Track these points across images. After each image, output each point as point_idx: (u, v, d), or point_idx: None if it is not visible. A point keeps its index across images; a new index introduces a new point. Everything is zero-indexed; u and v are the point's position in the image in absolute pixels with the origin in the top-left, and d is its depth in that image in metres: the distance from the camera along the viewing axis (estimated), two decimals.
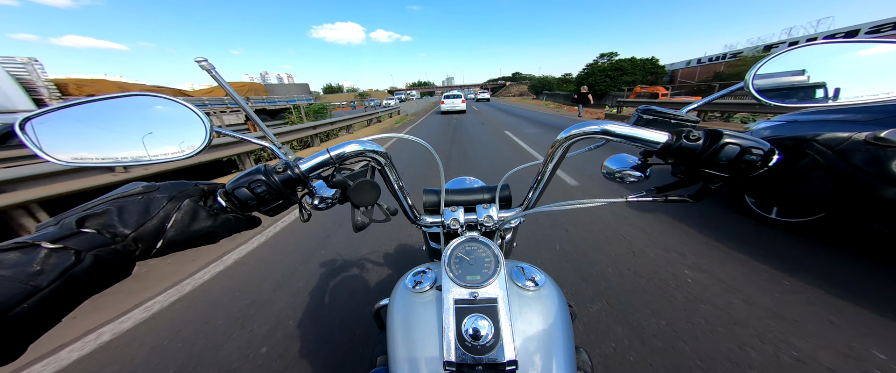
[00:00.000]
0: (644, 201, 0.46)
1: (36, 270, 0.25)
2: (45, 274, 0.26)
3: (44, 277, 0.26)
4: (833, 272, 1.68)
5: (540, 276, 0.49)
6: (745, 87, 0.39)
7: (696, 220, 2.32)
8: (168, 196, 0.35)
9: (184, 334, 1.51)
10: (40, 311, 0.25)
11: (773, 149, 0.35)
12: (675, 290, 1.63)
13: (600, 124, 0.40)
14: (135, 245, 0.32)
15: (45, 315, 0.26)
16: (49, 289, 0.26)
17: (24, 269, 0.25)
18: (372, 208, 0.51)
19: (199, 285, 1.91)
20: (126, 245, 0.32)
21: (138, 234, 0.32)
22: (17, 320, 0.24)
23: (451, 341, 0.39)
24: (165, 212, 0.34)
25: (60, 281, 0.26)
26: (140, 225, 0.32)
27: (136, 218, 0.32)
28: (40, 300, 0.25)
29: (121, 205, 0.32)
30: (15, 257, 0.26)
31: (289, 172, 0.40)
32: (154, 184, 0.36)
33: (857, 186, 0.29)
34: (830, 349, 1.23)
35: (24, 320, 0.25)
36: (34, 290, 0.25)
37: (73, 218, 0.30)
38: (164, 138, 0.39)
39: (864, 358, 1.19)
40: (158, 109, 0.38)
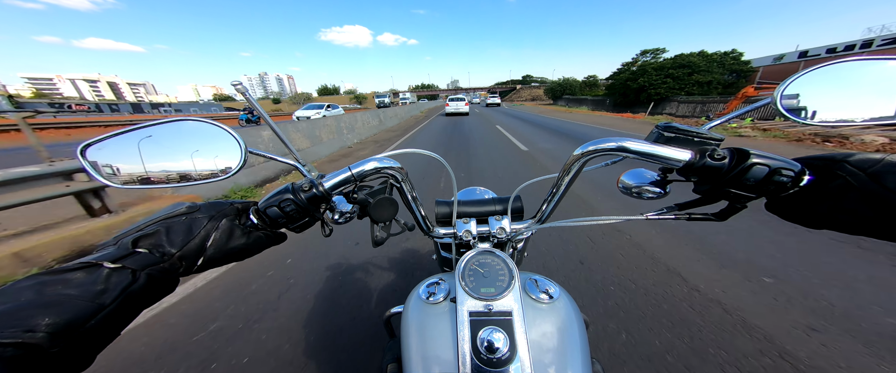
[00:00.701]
0: (664, 219, 0.45)
1: (100, 289, 0.28)
2: (108, 292, 0.28)
3: (107, 296, 0.28)
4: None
5: (554, 288, 0.49)
6: (772, 104, 0.38)
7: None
8: (208, 216, 0.38)
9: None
10: (106, 325, 0.28)
11: (803, 169, 0.34)
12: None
13: (618, 141, 0.40)
14: (180, 263, 0.35)
15: (110, 329, 0.29)
16: (112, 306, 0.28)
17: (91, 288, 0.28)
18: (390, 224, 0.52)
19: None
20: (172, 263, 0.34)
21: (183, 253, 0.35)
22: (88, 334, 0.27)
23: (466, 354, 0.40)
24: (206, 231, 0.37)
25: (121, 298, 0.29)
26: (184, 244, 0.35)
27: (181, 238, 0.35)
28: (106, 316, 0.28)
29: (168, 226, 0.35)
30: (81, 277, 0.28)
31: (314, 190, 0.42)
32: (195, 204, 0.39)
33: (892, 208, 0.28)
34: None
35: (93, 334, 0.27)
36: (100, 307, 0.27)
37: (129, 239, 0.33)
38: (205, 160, 0.41)
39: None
40: (199, 132, 0.41)
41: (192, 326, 1.61)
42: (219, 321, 1.64)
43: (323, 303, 1.74)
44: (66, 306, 0.26)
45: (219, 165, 0.42)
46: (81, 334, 0.26)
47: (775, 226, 2.30)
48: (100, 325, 0.27)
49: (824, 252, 2.03)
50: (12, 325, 0.23)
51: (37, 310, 0.25)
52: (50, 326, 0.25)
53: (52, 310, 0.25)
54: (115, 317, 0.29)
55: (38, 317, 0.25)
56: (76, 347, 0.26)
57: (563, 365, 0.41)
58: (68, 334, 0.25)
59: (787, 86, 0.37)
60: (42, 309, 0.25)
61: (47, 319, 0.25)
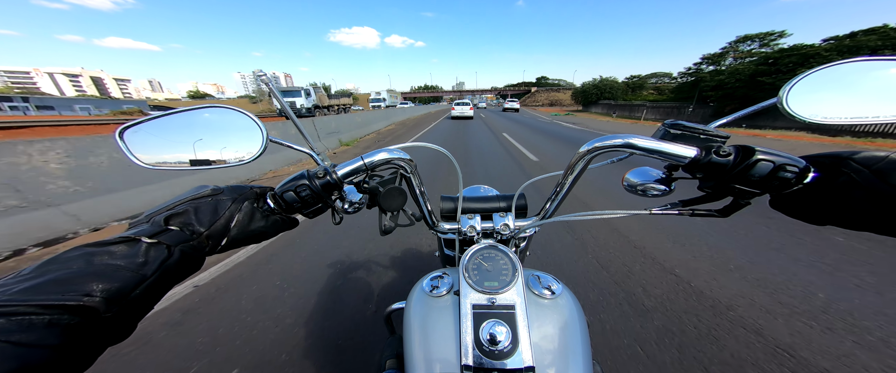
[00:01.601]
0: (668, 214, 0.45)
1: (142, 261, 0.30)
2: (149, 265, 0.30)
3: (148, 268, 0.30)
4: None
5: (556, 285, 0.50)
6: (778, 103, 0.38)
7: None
8: (231, 198, 0.40)
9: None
10: (146, 296, 0.29)
11: (808, 166, 0.34)
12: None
13: (625, 138, 0.40)
14: (207, 242, 0.36)
15: (149, 299, 0.30)
16: (152, 278, 0.30)
17: (134, 259, 0.29)
18: (398, 214, 0.53)
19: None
20: (201, 242, 0.36)
21: (210, 232, 0.36)
22: (133, 303, 0.28)
23: (468, 346, 0.40)
24: (230, 212, 0.38)
25: (160, 271, 0.30)
26: (212, 224, 0.37)
27: (209, 217, 0.37)
28: (147, 287, 0.29)
29: (196, 206, 0.37)
30: (124, 250, 0.30)
31: (328, 178, 0.44)
32: (219, 187, 0.41)
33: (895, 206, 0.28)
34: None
35: (136, 303, 0.29)
36: (143, 278, 0.29)
37: (161, 216, 0.35)
38: (229, 145, 0.44)
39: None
40: (225, 118, 0.44)
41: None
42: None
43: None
44: (114, 275, 0.27)
45: (241, 151, 0.44)
46: (128, 302, 0.28)
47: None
48: (142, 295, 0.29)
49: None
50: (72, 290, 0.25)
51: (89, 277, 0.26)
52: (104, 291, 0.26)
53: (103, 278, 0.27)
54: (153, 288, 0.30)
55: (93, 283, 0.26)
56: (124, 314, 0.28)
57: (565, 360, 0.41)
58: (119, 301, 0.27)
59: (794, 85, 0.38)
60: (94, 277, 0.26)
61: (101, 285, 0.26)
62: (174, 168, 0.42)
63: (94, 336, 0.26)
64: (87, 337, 0.25)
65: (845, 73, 0.37)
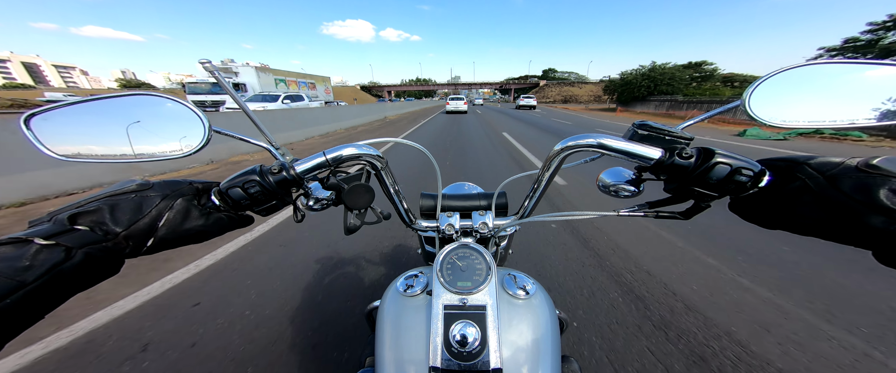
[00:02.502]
0: (635, 216, 0.45)
1: (24, 266, 0.26)
2: (32, 269, 0.26)
3: (31, 273, 0.26)
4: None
5: (531, 285, 0.50)
6: (741, 106, 0.39)
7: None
8: (161, 194, 0.36)
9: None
10: (23, 306, 0.26)
11: (763, 170, 0.34)
12: None
13: (596, 137, 0.40)
14: (126, 243, 0.33)
15: (28, 310, 0.26)
16: (34, 284, 0.26)
17: (13, 264, 0.26)
18: (365, 212, 0.51)
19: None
20: (117, 243, 0.32)
21: (129, 232, 0.33)
22: (1, 314, 0.24)
23: (437, 347, 0.40)
24: (158, 211, 0.35)
25: (47, 277, 0.27)
26: (132, 223, 0.33)
27: (129, 216, 0.33)
28: (25, 295, 0.25)
29: (114, 203, 0.33)
30: (5, 251, 0.26)
31: (284, 174, 0.41)
32: (148, 182, 0.37)
33: (846, 213, 0.28)
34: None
35: (7, 313, 0.25)
36: (20, 284, 0.25)
37: (65, 215, 0.31)
38: (163, 136, 0.40)
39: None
40: (158, 107, 0.39)
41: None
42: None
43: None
44: None
45: (178, 143, 0.40)
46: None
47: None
48: (16, 305, 0.25)
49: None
50: None
51: None
52: None
53: None
54: (37, 297, 0.26)
55: None
56: None
57: (534, 360, 0.41)
58: None
59: (757, 87, 0.38)
60: None
61: None
62: (94, 161, 0.38)
63: None
64: None
65: (805, 77, 0.37)
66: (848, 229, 0.28)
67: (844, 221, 0.28)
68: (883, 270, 0.43)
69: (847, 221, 0.28)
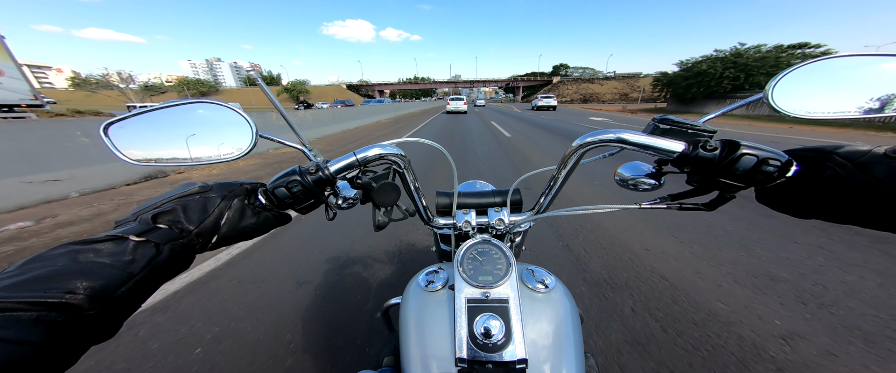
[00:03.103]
0: (658, 208, 0.46)
1: (129, 259, 0.29)
2: (136, 262, 0.30)
3: (136, 265, 0.30)
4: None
5: (550, 279, 0.50)
6: (764, 99, 0.39)
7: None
8: (221, 195, 0.39)
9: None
10: (133, 294, 0.29)
11: (790, 160, 0.35)
12: None
13: (617, 132, 0.41)
14: (196, 240, 0.36)
15: (136, 298, 0.30)
16: (140, 275, 0.30)
17: (121, 257, 0.29)
18: (392, 209, 0.53)
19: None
20: (190, 239, 0.35)
21: (200, 230, 0.36)
22: (118, 301, 0.28)
23: (462, 339, 0.41)
24: (220, 210, 0.38)
25: (147, 269, 0.30)
26: (201, 222, 0.37)
27: (198, 215, 0.37)
28: (134, 285, 0.29)
29: (184, 204, 0.37)
30: (111, 247, 0.30)
31: (320, 174, 0.44)
32: (207, 184, 0.41)
33: (882, 200, 0.28)
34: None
35: (122, 301, 0.28)
36: (130, 276, 0.29)
37: (149, 214, 0.35)
38: (218, 141, 0.44)
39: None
40: (214, 113, 0.43)
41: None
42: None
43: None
44: (99, 272, 0.27)
45: (230, 147, 0.44)
46: (113, 300, 0.28)
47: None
48: (128, 293, 0.29)
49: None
50: (54, 287, 0.25)
51: (73, 275, 0.26)
52: (88, 289, 0.26)
53: (87, 275, 0.27)
54: (141, 287, 0.30)
55: (76, 281, 0.26)
56: (109, 312, 0.28)
57: (558, 352, 0.42)
58: (103, 299, 0.27)
59: (780, 80, 0.38)
60: (78, 274, 0.26)
61: (85, 282, 0.26)
62: (163, 165, 0.42)
63: (78, 334, 0.26)
64: (71, 335, 0.25)
65: (831, 69, 0.38)
66: (886, 215, 0.29)
67: (882, 208, 0.29)
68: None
69: (884, 207, 0.29)
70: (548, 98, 26.24)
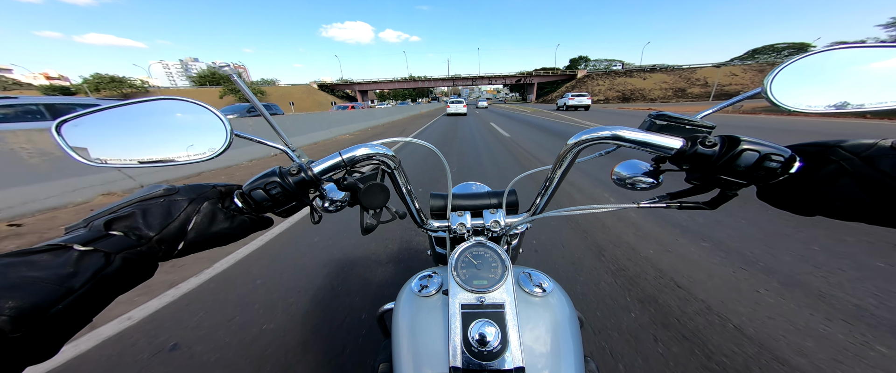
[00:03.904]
0: (657, 207, 0.45)
1: (70, 272, 0.26)
2: (78, 276, 0.27)
3: (78, 279, 0.27)
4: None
5: (548, 282, 0.49)
6: (763, 93, 0.38)
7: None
8: (188, 199, 0.37)
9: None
10: (74, 311, 0.26)
11: (794, 155, 0.34)
12: None
13: (612, 130, 0.39)
14: (158, 247, 0.33)
15: (79, 315, 0.27)
16: (82, 290, 0.27)
17: (59, 271, 0.26)
18: (380, 211, 0.51)
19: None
20: (150, 247, 0.33)
21: (162, 236, 0.33)
22: (54, 319, 0.25)
23: (457, 347, 0.39)
24: (186, 214, 0.35)
25: (93, 282, 0.27)
26: (163, 227, 0.34)
27: (160, 221, 0.34)
28: (75, 300, 0.26)
29: (144, 208, 0.34)
30: (49, 259, 0.27)
31: (302, 175, 0.41)
32: (174, 186, 0.38)
33: (889, 194, 0.27)
34: None
35: (60, 319, 0.25)
36: (69, 290, 0.26)
37: (101, 221, 0.32)
38: (188, 141, 0.40)
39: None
40: (183, 112, 0.40)
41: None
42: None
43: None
44: (30, 288, 0.24)
45: (202, 147, 0.41)
46: (47, 319, 0.25)
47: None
48: (68, 310, 0.26)
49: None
50: None
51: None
52: (12, 309, 0.23)
53: (15, 293, 0.24)
54: (84, 302, 0.27)
55: (1, 299, 0.23)
56: (41, 332, 0.24)
57: (556, 358, 0.40)
58: (33, 319, 0.24)
59: (777, 74, 0.38)
60: (4, 291, 0.24)
61: (10, 302, 0.23)
62: (123, 165, 0.38)
63: (4, 357, 0.23)
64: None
65: (828, 62, 0.37)
66: (894, 211, 0.28)
67: (890, 203, 0.28)
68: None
69: (892, 202, 0.27)
70: (580, 96, 22.74)
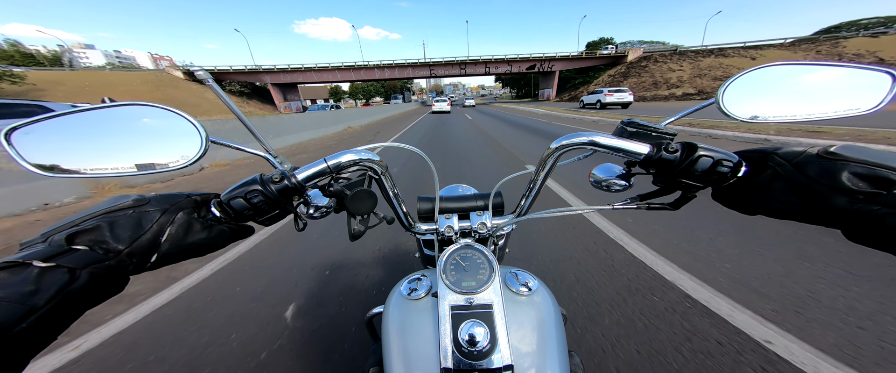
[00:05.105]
0: (629, 208, 0.48)
1: (31, 290, 0.25)
2: (41, 293, 0.26)
3: (40, 297, 0.25)
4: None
5: (533, 281, 0.51)
6: (716, 104, 0.42)
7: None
8: (161, 209, 0.35)
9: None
10: (38, 329, 0.25)
11: (740, 161, 0.38)
12: None
13: (589, 136, 0.42)
14: (129, 260, 0.32)
15: (43, 333, 0.26)
16: (47, 307, 0.26)
17: (19, 289, 0.25)
18: (368, 217, 0.51)
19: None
20: (120, 260, 0.31)
21: (132, 249, 0.32)
22: (17, 339, 0.24)
23: (447, 348, 0.40)
24: (159, 225, 0.34)
25: (57, 299, 0.26)
26: (134, 240, 0.32)
27: (129, 233, 0.32)
28: (39, 319, 0.25)
29: (111, 220, 0.32)
30: (5, 277, 0.25)
31: (285, 182, 0.40)
32: (144, 196, 0.36)
33: (814, 196, 0.31)
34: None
35: (23, 338, 0.24)
36: (32, 309, 0.25)
37: (62, 235, 0.30)
38: (158, 148, 0.38)
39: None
40: (153, 118, 0.38)
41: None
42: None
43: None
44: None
45: (174, 154, 0.38)
46: (9, 338, 0.24)
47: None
48: (31, 328, 0.25)
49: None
50: None
51: None
52: None
53: None
54: (49, 320, 0.26)
55: None
56: (3, 352, 0.23)
57: (542, 355, 0.42)
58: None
59: (728, 86, 0.42)
60: None
61: None
62: (84, 175, 0.36)
63: None
64: None
65: (770, 76, 0.42)
66: (818, 211, 0.31)
67: (814, 204, 0.31)
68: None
69: (816, 203, 0.31)
70: (620, 92, 20.27)
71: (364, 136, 10.86)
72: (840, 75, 0.39)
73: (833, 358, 1.22)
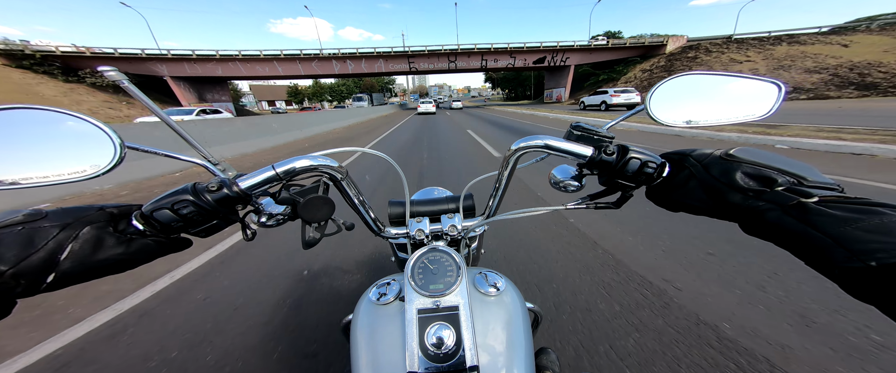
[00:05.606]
0: (579, 208, 0.51)
1: None
2: None
3: None
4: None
5: (501, 281, 0.51)
6: (645, 110, 0.47)
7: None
8: (60, 224, 0.31)
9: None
10: None
11: (664, 162, 0.41)
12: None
13: (543, 139, 0.44)
14: (14, 282, 0.28)
15: None
16: None
17: None
18: (325, 224, 0.49)
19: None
20: (3, 283, 0.27)
21: (18, 269, 0.28)
22: None
23: (414, 351, 0.40)
24: (56, 242, 0.30)
25: None
26: (21, 260, 0.28)
27: (15, 252, 0.28)
28: None
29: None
30: None
31: (225, 191, 0.37)
32: (40, 211, 0.31)
33: (717, 193, 0.35)
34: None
35: None
36: None
37: None
38: (59, 157, 0.33)
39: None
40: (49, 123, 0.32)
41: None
42: None
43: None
44: None
45: (81, 163, 0.34)
46: None
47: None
48: None
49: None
50: None
51: None
52: None
53: None
54: None
55: None
56: None
57: (509, 354, 0.43)
58: None
59: (655, 92, 0.46)
60: None
61: None
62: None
63: None
64: None
65: (687, 85, 0.46)
66: (720, 207, 0.35)
67: (717, 201, 0.35)
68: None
69: (719, 200, 0.35)
70: (626, 92, 19.26)
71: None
72: (740, 84, 0.45)
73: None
